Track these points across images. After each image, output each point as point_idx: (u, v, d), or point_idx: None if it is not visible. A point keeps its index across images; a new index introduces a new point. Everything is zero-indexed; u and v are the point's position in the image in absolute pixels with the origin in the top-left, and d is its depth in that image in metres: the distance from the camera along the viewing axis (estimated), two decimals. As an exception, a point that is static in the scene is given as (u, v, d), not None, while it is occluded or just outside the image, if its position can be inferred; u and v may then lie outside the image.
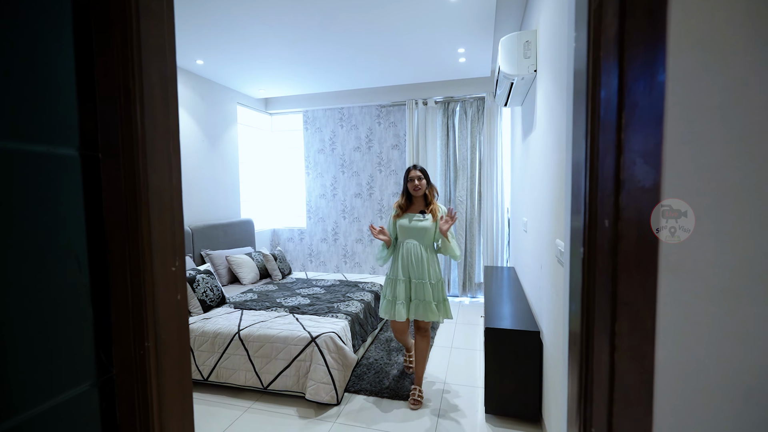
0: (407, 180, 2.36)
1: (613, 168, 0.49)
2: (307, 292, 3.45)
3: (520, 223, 3.27)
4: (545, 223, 1.99)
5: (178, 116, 0.75)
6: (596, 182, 0.51)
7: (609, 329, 0.50)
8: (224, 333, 2.55)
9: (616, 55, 0.48)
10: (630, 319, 0.49)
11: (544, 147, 2.01)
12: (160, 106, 0.71)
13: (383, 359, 2.94)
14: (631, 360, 0.49)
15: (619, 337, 0.49)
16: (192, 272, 3.06)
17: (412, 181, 2.33)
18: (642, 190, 0.47)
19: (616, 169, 0.49)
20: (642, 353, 0.48)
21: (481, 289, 4.61)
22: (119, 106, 0.66)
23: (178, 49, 3.31)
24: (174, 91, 0.74)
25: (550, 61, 1.86)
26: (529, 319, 2.26)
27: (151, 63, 0.69)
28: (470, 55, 3.57)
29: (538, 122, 2.27)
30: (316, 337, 2.39)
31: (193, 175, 3.93)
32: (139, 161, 0.68)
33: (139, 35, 0.67)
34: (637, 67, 0.47)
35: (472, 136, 4.48)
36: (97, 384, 0.65)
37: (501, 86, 2.69)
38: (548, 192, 1.87)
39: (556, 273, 1.67)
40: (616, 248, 0.49)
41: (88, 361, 0.65)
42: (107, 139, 0.67)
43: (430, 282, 2.29)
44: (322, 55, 3.55)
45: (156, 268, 0.70)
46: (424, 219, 2.32)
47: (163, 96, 0.71)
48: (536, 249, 2.28)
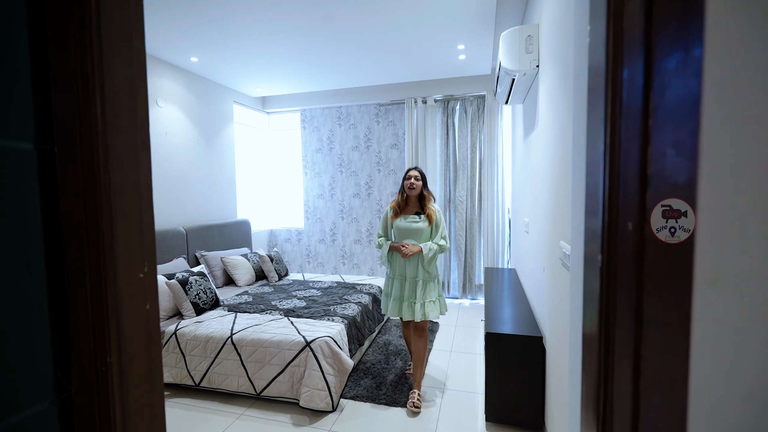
0: (405, 178, 2.42)
1: (637, 161, 0.42)
2: (304, 294, 3.37)
3: (521, 224, 3.19)
4: (547, 225, 1.91)
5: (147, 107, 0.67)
6: (617, 178, 0.43)
7: (633, 351, 0.42)
8: (216, 337, 2.47)
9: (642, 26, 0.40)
10: (658, 339, 0.41)
11: (547, 145, 1.94)
12: (124, 95, 0.63)
13: (381, 363, 2.86)
14: (660, 388, 0.41)
15: (645, 361, 0.42)
16: (185, 274, 2.98)
17: (408, 179, 2.39)
18: (674, 186, 0.40)
19: (641, 163, 0.42)
20: (673, 380, 0.41)
21: (481, 290, 4.53)
22: (77, 94, 0.59)
23: (171, 46, 3.25)
24: (142, 79, 0.66)
25: (554, 54, 1.78)
26: (531, 323, 2.18)
27: (113, 47, 0.61)
28: (470, 52, 3.49)
29: (540, 119, 2.20)
30: (311, 341, 2.32)
31: (188, 174, 3.85)
32: (98, 156, 0.60)
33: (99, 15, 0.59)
34: (668, 41, 0.39)
35: (473, 135, 4.40)
36: (55, 403, 0.59)
37: (502, 83, 2.62)
38: (551, 191, 1.79)
39: (560, 277, 1.59)
40: (642, 255, 0.42)
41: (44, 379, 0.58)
42: (64, 131, 0.60)
43: (424, 280, 2.34)
44: (319, 53, 3.47)
45: (120, 275, 0.62)
46: (420, 220, 2.38)
47: (129, 84, 0.64)
48: (538, 251, 2.20)
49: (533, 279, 2.43)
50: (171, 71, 3.63)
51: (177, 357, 2.50)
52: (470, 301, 4.55)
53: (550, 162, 1.84)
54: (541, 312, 2.11)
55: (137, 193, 0.66)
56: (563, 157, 1.55)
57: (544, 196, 2.03)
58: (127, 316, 0.64)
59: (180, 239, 3.54)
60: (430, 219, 2.36)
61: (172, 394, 2.54)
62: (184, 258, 3.53)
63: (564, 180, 1.51)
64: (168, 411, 2.36)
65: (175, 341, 2.53)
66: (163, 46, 3.25)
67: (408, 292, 2.36)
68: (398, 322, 3.72)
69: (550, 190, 1.84)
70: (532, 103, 2.52)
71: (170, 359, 2.51)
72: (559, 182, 1.64)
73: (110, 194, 0.60)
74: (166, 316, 2.81)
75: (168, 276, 2.93)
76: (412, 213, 2.41)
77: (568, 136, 1.42)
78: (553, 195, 1.77)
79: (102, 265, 0.60)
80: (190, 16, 2.72)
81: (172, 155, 3.65)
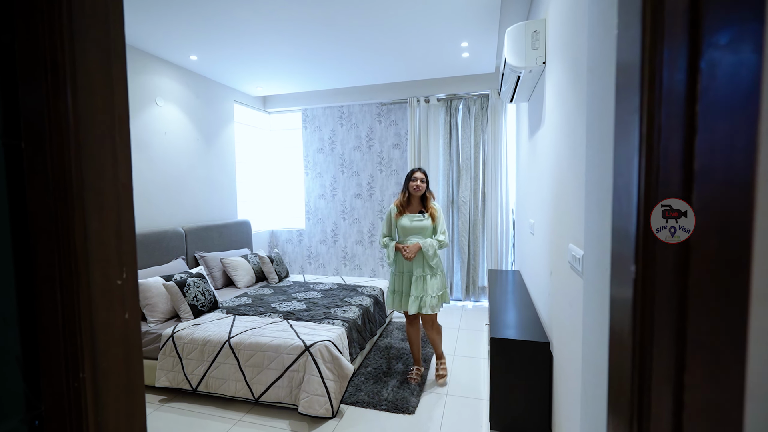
0: (410, 179, 2.52)
1: (680, 155, 0.36)
2: (304, 296, 3.31)
3: (526, 225, 3.12)
4: (555, 226, 1.85)
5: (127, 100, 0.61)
6: (655, 176, 0.37)
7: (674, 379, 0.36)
8: (214, 340, 2.41)
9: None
10: (706, 366, 0.35)
11: (554, 143, 1.87)
12: (99, 86, 0.57)
13: (382, 368, 2.80)
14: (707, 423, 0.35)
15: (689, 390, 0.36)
16: (183, 275, 2.93)
17: (414, 181, 2.50)
18: (726, 184, 0.33)
19: (685, 157, 0.35)
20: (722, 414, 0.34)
21: (484, 293, 4.46)
22: (46, 84, 0.54)
23: (170, 44, 3.20)
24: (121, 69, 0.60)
25: (562, 49, 1.71)
26: (538, 328, 2.12)
27: (87, 32, 0.55)
28: (474, 50, 3.43)
29: (546, 117, 2.13)
30: (311, 345, 2.26)
31: (188, 174, 3.80)
32: (70, 152, 0.55)
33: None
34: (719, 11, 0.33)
35: (476, 135, 4.34)
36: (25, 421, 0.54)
37: (507, 81, 2.55)
38: (557, 191, 1.73)
39: (569, 282, 1.53)
40: (686, 266, 0.35)
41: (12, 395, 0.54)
42: (31, 124, 0.54)
43: (426, 275, 2.47)
44: (321, 51, 3.42)
45: (95, 282, 0.56)
46: (423, 219, 2.51)
47: (104, 74, 0.58)
48: (545, 253, 2.14)
49: (539, 282, 2.36)
50: (170, 70, 3.58)
51: (174, 361, 2.45)
52: (473, 304, 4.48)
53: (557, 161, 1.77)
54: (548, 317, 2.04)
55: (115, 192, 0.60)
56: (573, 155, 1.49)
57: (550, 197, 1.96)
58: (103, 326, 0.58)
59: (179, 240, 3.49)
60: (433, 217, 2.51)
61: (169, 398, 2.49)
62: (183, 259, 3.48)
63: (574, 179, 1.45)
64: (164, 416, 2.30)
65: (172, 344, 2.47)
66: (162, 44, 3.20)
67: (412, 287, 2.46)
68: (400, 325, 3.65)
69: (556, 190, 1.78)
70: (538, 101, 2.46)
71: (167, 363, 2.46)
72: (567, 182, 1.57)
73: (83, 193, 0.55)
74: (163, 318, 2.76)
75: (166, 277, 2.88)
76: (415, 212, 2.53)
77: (579, 133, 1.35)
78: (560, 195, 1.71)
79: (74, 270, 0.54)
80: (189, 12, 2.67)
81: (172, 155, 3.60)
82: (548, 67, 2.10)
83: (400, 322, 3.75)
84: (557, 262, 1.78)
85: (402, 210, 2.54)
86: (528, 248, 2.94)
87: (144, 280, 2.77)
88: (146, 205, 3.32)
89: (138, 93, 3.26)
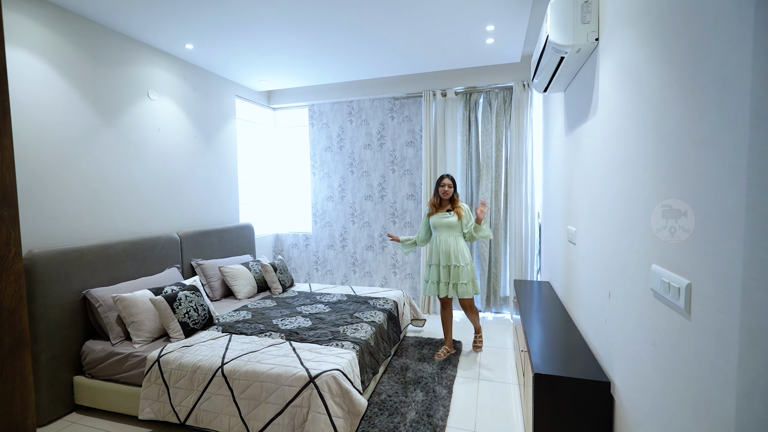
0: (439, 185, 3.02)
1: None
2: (309, 310, 2.98)
3: (560, 232, 2.75)
4: (619, 239, 1.48)
5: (7, 84, 0.33)
6: None
7: None
8: (205, 367, 2.09)
9: None
10: None
11: (617, 136, 1.50)
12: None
13: (398, 395, 2.45)
14: None
15: None
16: (175, 288, 2.62)
17: (443, 186, 3.00)
18: None
19: None
20: None
21: (506, 303, 4.08)
22: None
23: (162, 31, 2.88)
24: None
25: (632, 18, 1.35)
26: (589, 361, 1.75)
27: None
28: (500, 34, 3.05)
29: (600, 105, 1.76)
30: (316, 376, 1.92)
31: (184, 175, 3.49)
32: None
33: None
34: None
35: (498, 131, 3.96)
36: None
37: (545, 66, 2.18)
38: (629, 197, 1.36)
39: (653, 314, 1.16)
40: None
41: None
42: None
43: (461, 265, 2.93)
44: (329, 40, 3.08)
45: None
46: (451, 216, 2.98)
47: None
48: (597, 270, 1.77)
49: (587, 303, 1.99)
50: (164, 60, 3.28)
51: (160, 389, 2.13)
52: (494, 315, 4.10)
53: (626, 158, 1.40)
54: (604, 349, 1.67)
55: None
56: (657, 150, 1.12)
57: (608, 202, 1.59)
58: None
59: (173, 247, 3.18)
60: (459, 215, 2.98)
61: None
62: (178, 268, 3.17)
63: (663, 183, 1.08)
64: (147, 455, 1.98)
65: (158, 370, 2.16)
66: (153, 31, 2.89)
67: (445, 276, 2.95)
68: (415, 342, 3.30)
69: (624, 195, 1.41)
70: (583, 88, 2.08)
71: (152, 392, 2.14)
72: (647, 186, 1.21)
73: None
74: (151, 338, 2.44)
75: (156, 290, 2.57)
76: (444, 210, 3.03)
77: (673, 123, 0.99)
78: (631, 202, 1.34)
79: None
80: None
81: (166, 154, 3.30)
82: (603, 44, 1.73)
83: (415, 337, 3.40)
84: (625, 284, 1.41)
85: (434, 210, 3.06)
86: (565, 260, 2.56)
87: (130, 294, 2.46)
88: (137, 209, 3.02)
89: (127, 85, 2.95)
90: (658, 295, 1.13)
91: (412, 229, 4.41)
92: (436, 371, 2.77)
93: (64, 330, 2.35)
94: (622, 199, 1.44)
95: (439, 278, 2.95)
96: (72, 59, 2.55)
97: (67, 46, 2.52)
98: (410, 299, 3.59)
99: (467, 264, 2.94)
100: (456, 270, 2.90)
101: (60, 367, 2.34)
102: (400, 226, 4.45)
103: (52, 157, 2.43)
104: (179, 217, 3.43)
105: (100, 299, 2.43)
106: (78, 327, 2.44)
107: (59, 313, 2.33)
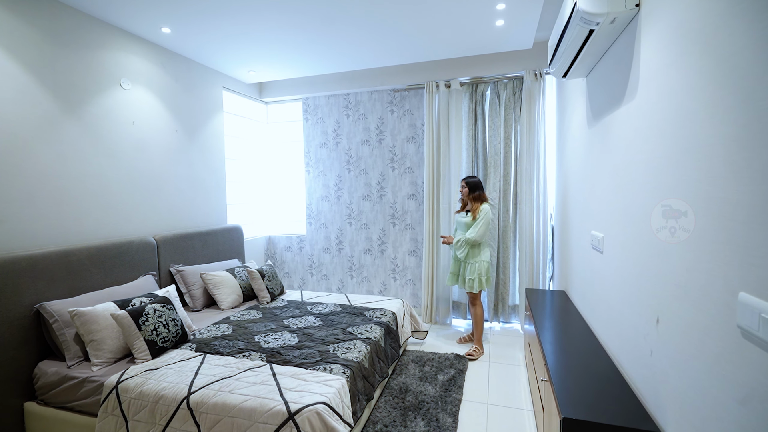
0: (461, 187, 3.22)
1: None
2: (297, 324, 2.67)
3: (578, 236, 2.42)
4: (676, 251, 1.15)
5: None
6: None
7: None
8: (169, 396, 1.78)
9: None
10: None
11: (678, 119, 1.18)
12: None
13: (396, 425, 2.13)
14: None
15: None
16: (144, 300, 2.31)
17: (460, 189, 3.21)
18: None
19: None
20: None
21: (515, 312, 3.76)
22: None
23: (133, 12, 2.51)
24: None
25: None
26: (628, 401, 1.42)
27: None
28: (511, 14, 2.72)
29: (642, 86, 1.44)
30: (296, 412, 1.61)
31: (163, 172, 3.19)
32: None
33: None
34: None
35: (507, 125, 3.63)
36: None
37: (568, 45, 1.85)
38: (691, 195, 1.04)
39: (743, 359, 0.84)
40: None
41: None
42: None
43: (470, 261, 3.12)
44: (323, 25, 2.76)
45: None
46: (465, 216, 3.17)
47: None
48: (639, 288, 1.44)
49: (622, 325, 1.66)
50: (138, 45, 2.97)
51: (117, 422, 1.82)
52: (502, 325, 3.78)
53: (694, 147, 1.08)
54: (652, 387, 1.34)
55: None
56: (749, 135, 0.80)
57: (653, 205, 1.27)
58: None
59: (149, 252, 2.88)
60: (473, 217, 3.10)
61: (112, 470, 1.86)
62: (154, 275, 2.86)
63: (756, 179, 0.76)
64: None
65: (116, 399, 1.85)
66: (124, 13, 2.58)
67: (456, 268, 3.31)
68: (416, 357, 2.98)
69: (692, 198, 1.09)
70: (614, 69, 1.76)
71: (108, 425, 1.83)
72: (729, 184, 0.89)
73: None
74: (113, 359, 2.13)
75: (121, 303, 2.26)
76: (462, 211, 3.27)
77: None
78: (709, 206, 1.01)
79: None
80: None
81: (142, 149, 2.99)
82: (648, 9, 1.40)
83: (415, 352, 3.08)
84: (687, 312, 1.09)
85: (462, 208, 3.29)
86: (588, 269, 2.24)
87: (90, 308, 2.16)
88: (106, 210, 2.71)
89: (95, 72, 2.64)
90: (750, 335, 0.81)
91: (413, 232, 4.09)
92: (440, 394, 2.46)
93: (12, 350, 2.05)
94: (696, 205, 1.12)
95: (455, 270, 3.30)
96: (24, 40, 2.24)
97: (19, 24, 2.21)
98: (411, 309, 3.27)
99: (476, 261, 3.10)
100: (464, 265, 3.17)
101: (8, 392, 2.04)
102: (400, 228, 4.13)
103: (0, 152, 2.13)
104: (157, 219, 3.12)
105: (55, 314, 2.13)
106: (30, 346, 2.14)
107: (7, 330, 2.03)
